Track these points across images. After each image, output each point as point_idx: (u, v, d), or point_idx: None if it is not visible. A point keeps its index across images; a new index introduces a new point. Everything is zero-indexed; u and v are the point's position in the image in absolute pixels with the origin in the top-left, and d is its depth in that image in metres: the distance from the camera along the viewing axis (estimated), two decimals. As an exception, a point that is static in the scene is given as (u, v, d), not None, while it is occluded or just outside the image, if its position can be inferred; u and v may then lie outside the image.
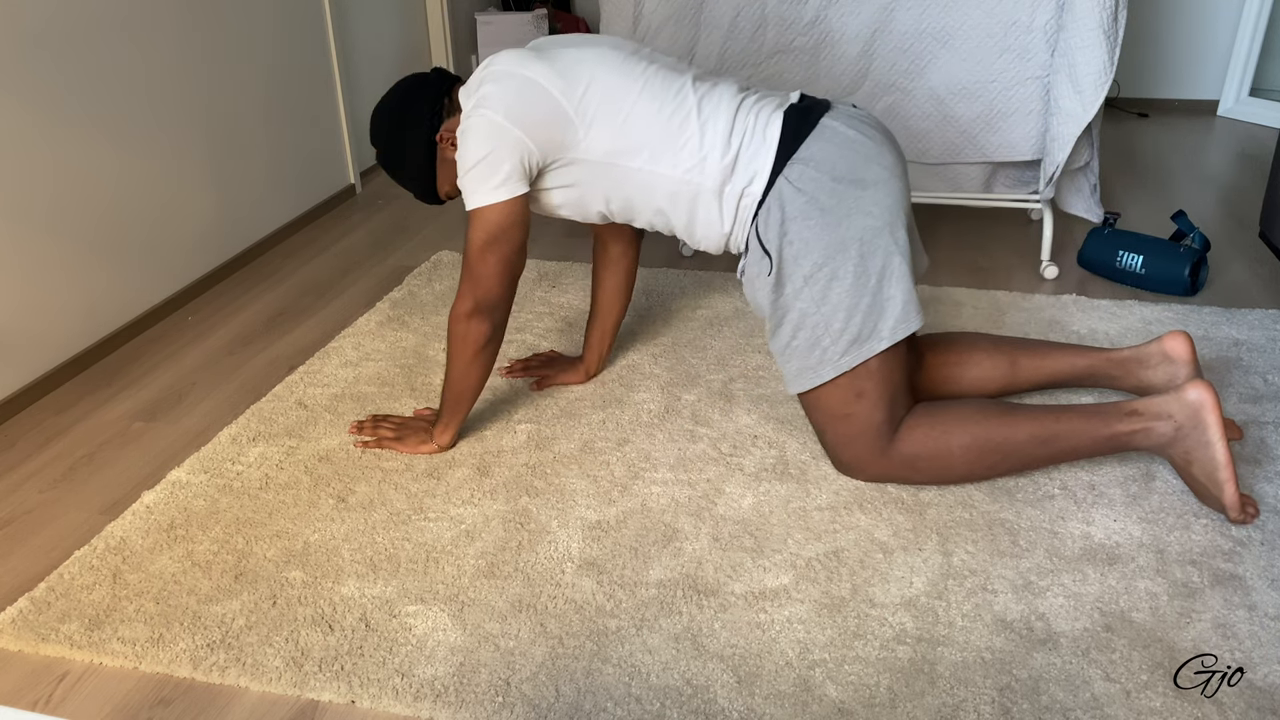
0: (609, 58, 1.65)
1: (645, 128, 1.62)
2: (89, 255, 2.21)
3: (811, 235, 1.58)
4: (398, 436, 1.84)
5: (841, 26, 2.45)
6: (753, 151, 1.61)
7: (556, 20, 4.11)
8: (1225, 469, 1.54)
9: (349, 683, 1.33)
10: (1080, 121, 2.29)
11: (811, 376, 1.63)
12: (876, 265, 1.58)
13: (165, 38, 2.38)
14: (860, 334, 1.59)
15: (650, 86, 1.63)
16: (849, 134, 1.62)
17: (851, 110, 1.68)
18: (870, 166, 1.60)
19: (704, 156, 1.62)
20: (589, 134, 1.63)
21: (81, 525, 1.70)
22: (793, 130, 1.61)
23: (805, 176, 1.59)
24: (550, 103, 1.60)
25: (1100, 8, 2.20)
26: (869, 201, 1.58)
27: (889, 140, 1.66)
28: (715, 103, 1.63)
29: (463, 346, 1.71)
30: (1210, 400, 1.54)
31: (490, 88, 1.61)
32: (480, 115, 1.60)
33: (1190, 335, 1.79)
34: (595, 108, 1.61)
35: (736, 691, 1.30)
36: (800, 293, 1.60)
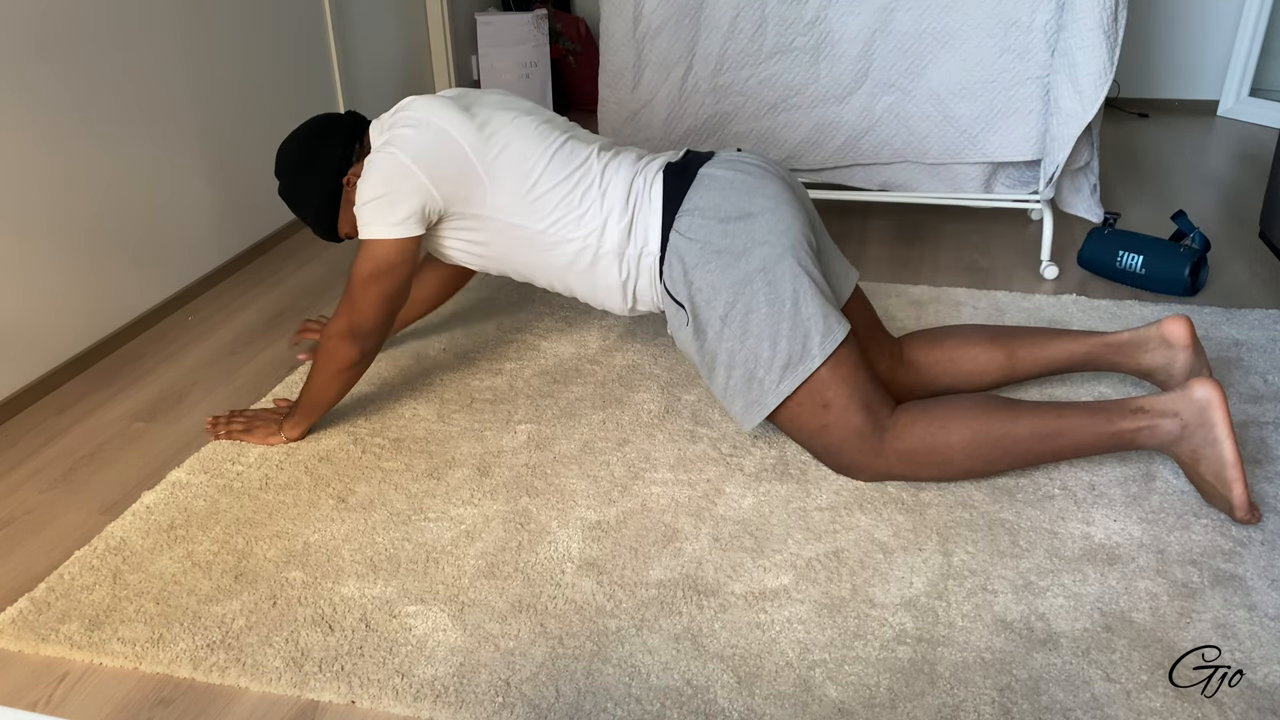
0: (524, 123, 1.72)
1: (550, 193, 1.70)
2: (89, 255, 2.21)
3: (715, 277, 1.63)
4: (247, 429, 1.88)
5: (841, 26, 2.45)
6: (645, 214, 1.69)
7: (556, 20, 4.11)
8: (1234, 467, 1.54)
9: (349, 683, 1.33)
10: (1080, 121, 2.29)
11: (758, 409, 1.66)
12: (786, 290, 1.61)
13: (165, 38, 2.38)
14: (791, 358, 1.61)
15: (559, 155, 1.71)
16: (727, 176, 1.68)
17: (733, 155, 1.75)
18: (754, 199, 1.65)
19: (604, 221, 1.70)
20: (495, 193, 1.69)
21: (81, 525, 1.70)
22: (674, 186, 1.69)
23: (694, 226, 1.65)
24: (461, 157, 1.66)
25: (1100, 7, 2.20)
26: (762, 231, 1.63)
27: (771, 172, 1.72)
28: (615, 170, 1.72)
29: (328, 362, 1.77)
30: (1217, 398, 1.54)
31: (405, 130, 1.66)
32: (389, 153, 1.65)
33: (1190, 320, 1.78)
34: (505, 169, 1.68)
35: (736, 692, 1.30)
36: (722, 334, 1.64)
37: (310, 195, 1.80)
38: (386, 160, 1.64)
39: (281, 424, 1.86)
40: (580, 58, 4.15)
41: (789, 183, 1.73)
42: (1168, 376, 1.78)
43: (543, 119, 1.76)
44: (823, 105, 2.55)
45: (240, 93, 2.67)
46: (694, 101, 2.62)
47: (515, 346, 2.22)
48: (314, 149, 1.78)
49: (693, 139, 2.66)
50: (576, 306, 2.40)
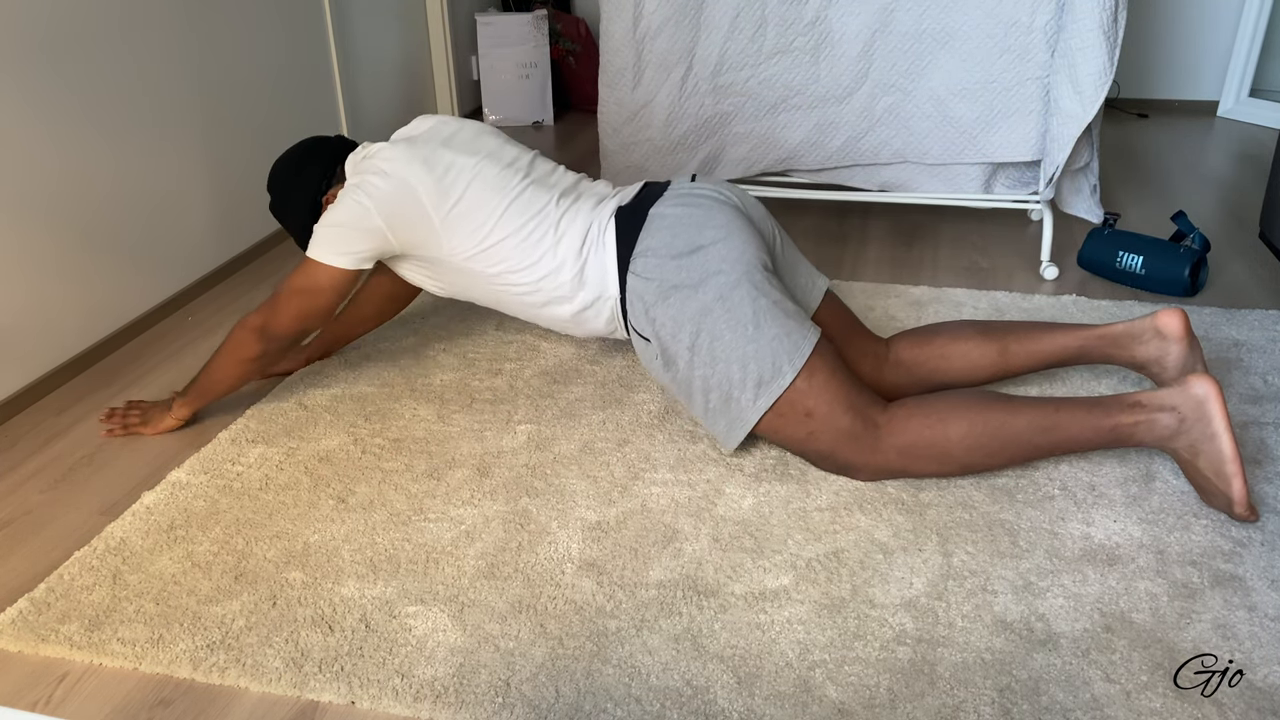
0: (485, 171, 1.78)
1: (504, 243, 1.75)
2: (89, 255, 2.21)
3: (676, 311, 1.67)
4: (143, 420, 1.94)
5: (842, 27, 2.45)
6: (599, 260, 1.74)
7: (556, 20, 4.11)
8: (1233, 462, 1.54)
9: (349, 683, 1.33)
10: (1080, 122, 2.29)
11: (740, 428, 1.68)
12: (747, 313, 1.64)
13: (165, 38, 2.38)
14: (762, 376, 1.63)
15: (517, 203, 1.76)
16: (676, 213, 1.72)
17: (684, 188, 1.79)
18: (704, 231, 1.69)
19: (556, 268, 1.76)
20: (451, 243, 1.77)
21: (81, 526, 1.70)
22: (625, 231, 1.73)
23: (649, 266, 1.69)
24: (420, 211, 1.74)
25: (1100, 8, 2.20)
26: (715, 261, 1.66)
27: (721, 201, 1.75)
28: (572, 218, 1.77)
29: (233, 349, 1.83)
30: (1214, 393, 1.54)
31: (373, 177, 1.75)
32: (355, 195, 1.74)
33: (1186, 313, 1.78)
34: (460, 222, 1.75)
35: (736, 692, 1.30)
36: (692, 363, 1.67)
37: (293, 210, 1.91)
38: (353, 200, 1.74)
39: (172, 406, 1.93)
40: (580, 58, 4.15)
41: (740, 207, 1.77)
42: (1160, 369, 1.78)
43: (506, 163, 1.81)
44: (823, 105, 2.55)
45: (240, 93, 2.67)
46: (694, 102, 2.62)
47: (515, 347, 2.22)
48: (300, 168, 1.89)
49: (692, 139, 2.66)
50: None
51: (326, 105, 3.10)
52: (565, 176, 1.86)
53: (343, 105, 3.16)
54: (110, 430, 1.94)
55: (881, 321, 2.28)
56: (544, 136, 3.92)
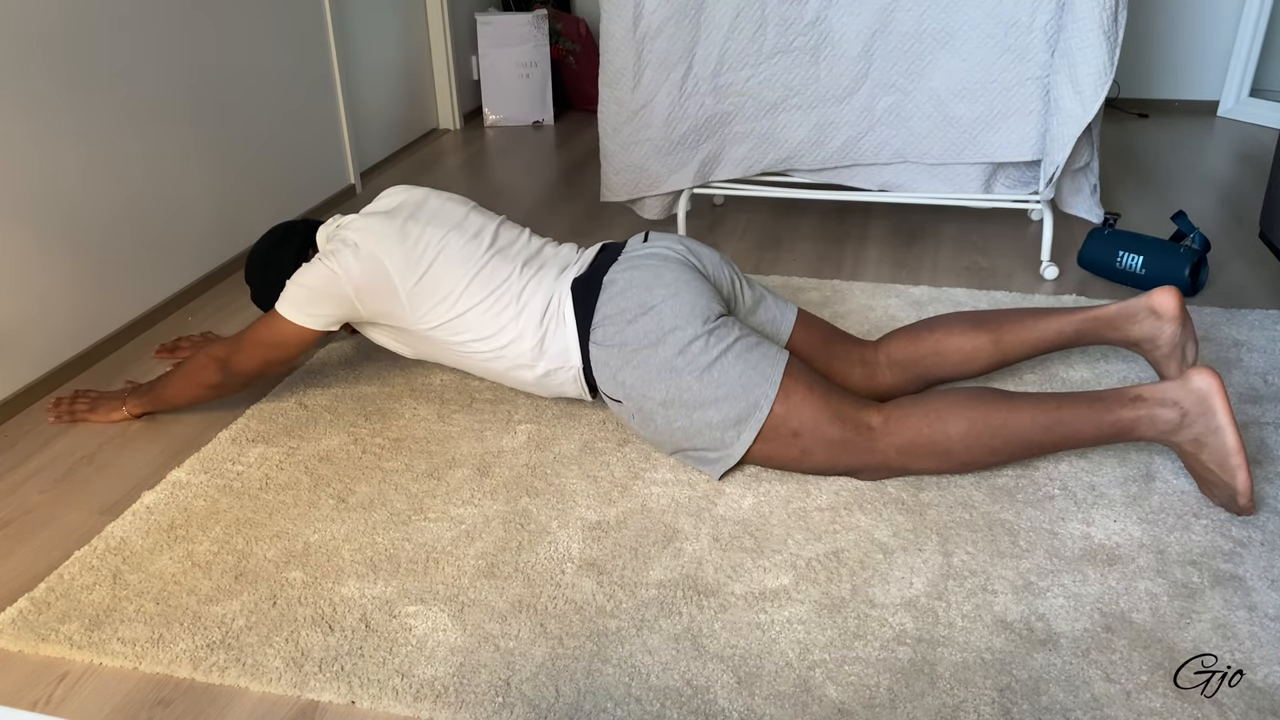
0: (451, 243, 1.80)
1: (468, 315, 1.78)
2: (89, 255, 2.21)
3: (642, 372, 1.68)
4: (91, 408, 1.98)
5: (842, 27, 2.45)
6: (559, 333, 1.77)
7: (556, 20, 4.11)
8: (1237, 454, 1.54)
9: (349, 683, 1.33)
10: (1080, 122, 2.29)
11: (727, 460, 1.69)
12: (705, 360, 1.65)
13: (165, 38, 2.38)
14: (740, 414, 1.64)
15: (480, 276, 1.79)
16: (626, 277, 1.74)
17: (634, 250, 1.81)
18: (653, 291, 1.71)
19: (517, 337, 1.78)
20: (416, 313, 1.79)
21: (81, 525, 1.70)
22: (582, 300, 1.76)
23: (608, 335, 1.72)
24: (387, 284, 1.77)
25: (1100, 8, 2.20)
26: (668, 318, 1.68)
27: (667, 258, 1.77)
28: (534, 289, 1.79)
29: (193, 371, 1.88)
30: (1216, 386, 1.54)
31: (344, 250, 1.77)
32: (328, 263, 1.77)
33: (1180, 293, 1.78)
34: (427, 294, 1.78)
35: (736, 692, 1.30)
36: (669, 416, 1.68)
37: (271, 298, 1.93)
38: (324, 267, 1.77)
39: (125, 399, 1.96)
40: (580, 58, 4.15)
41: (689, 261, 1.79)
42: (1154, 348, 1.77)
43: (472, 234, 1.83)
44: (823, 105, 2.55)
45: (241, 94, 2.67)
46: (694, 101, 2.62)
47: (515, 347, 2.21)
48: (271, 259, 1.92)
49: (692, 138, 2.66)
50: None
51: (327, 105, 3.10)
52: (529, 244, 1.88)
53: (343, 105, 3.16)
54: (58, 417, 1.98)
55: (882, 321, 2.28)
56: (544, 136, 3.92)
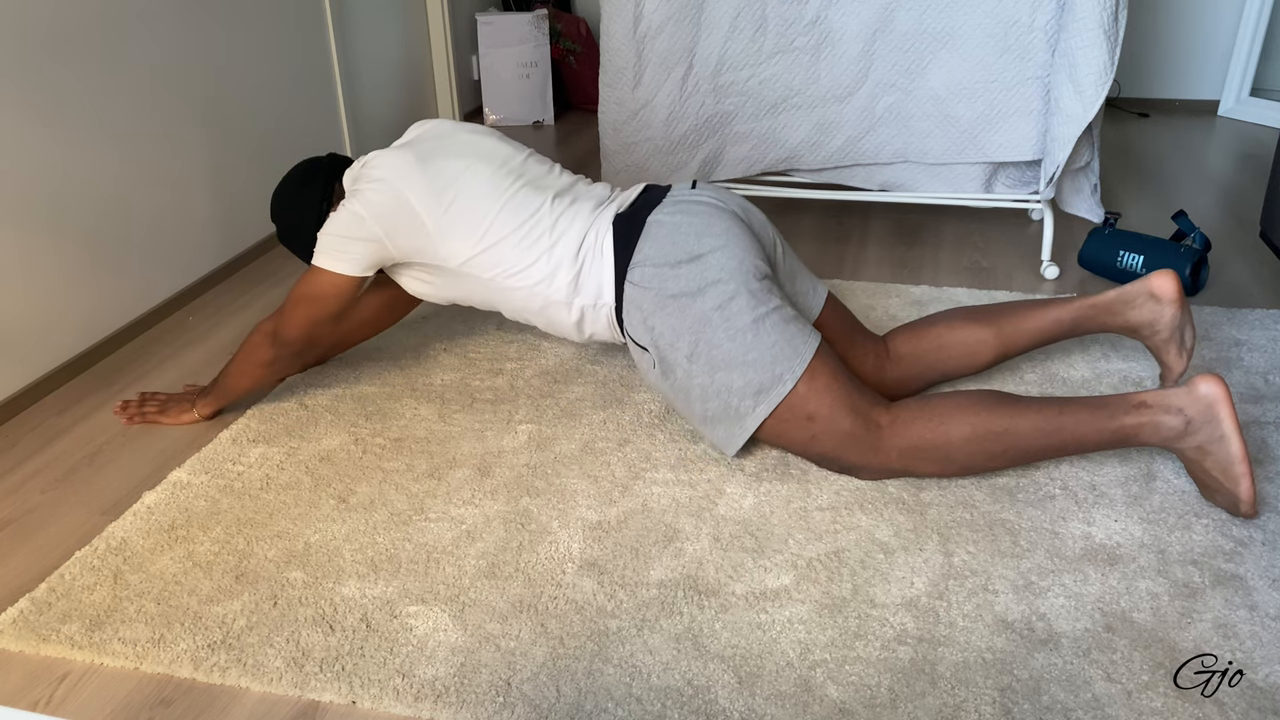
0: (479, 173, 1.77)
1: (499, 246, 1.74)
2: (90, 255, 2.21)
3: (674, 321, 1.65)
4: (161, 410, 1.97)
5: (842, 26, 2.45)
6: (596, 268, 1.73)
7: (557, 20, 4.11)
8: (1242, 463, 1.54)
9: (350, 683, 1.33)
10: (1081, 121, 2.29)
11: (739, 434, 1.67)
12: (744, 322, 1.63)
13: (166, 38, 2.38)
14: (762, 384, 1.63)
15: (509, 205, 1.75)
16: (674, 221, 1.70)
17: (684, 194, 1.77)
18: (702, 240, 1.67)
19: (551, 272, 1.74)
20: (446, 248, 1.76)
21: (82, 525, 1.70)
22: (623, 238, 1.72)
23: (646, 275, 1.68)
24: (414, 219, 1.74)
25: (1101, 7, 2.20)
26: (713, 270, 1.65)
27: (719, 208, 1.73)
28: (569, 221, 1.75)
29: (249, 353, 1.86)
30: (1222, 393, 1.54)
31: (368, 187, 1.74)
32: (352, 206, 1.74)
33: (1178, 276, 1.78)
34: (454, 225, 1.74)
35: (737, 692, 1.30)
36: (690, 372, 1.66)
37: (298, 238, 1.90)
38: (351, 209, 1.74)
39: (195, 402, 1.96)
40: (581, 58, 4.15)
41: (740, 215, 1.76)
42: (1153, 333, 1.77)
43: (499, 164, 1.80)
44: (823, 105, 2.55)
45: (241, 93, 2.67)
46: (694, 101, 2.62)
47: (516, 346, 2.22)
48: (298, 192, 1.89)
49: (693, 138, 2.66)
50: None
51: (327, 105, 3.10)
52: (561, 178, 1.85)
53: (343, 105, 3.16)
54: (129, 419, 1.97)
55: (882, 321, 2.28)
56: (544, 136, 3.92)
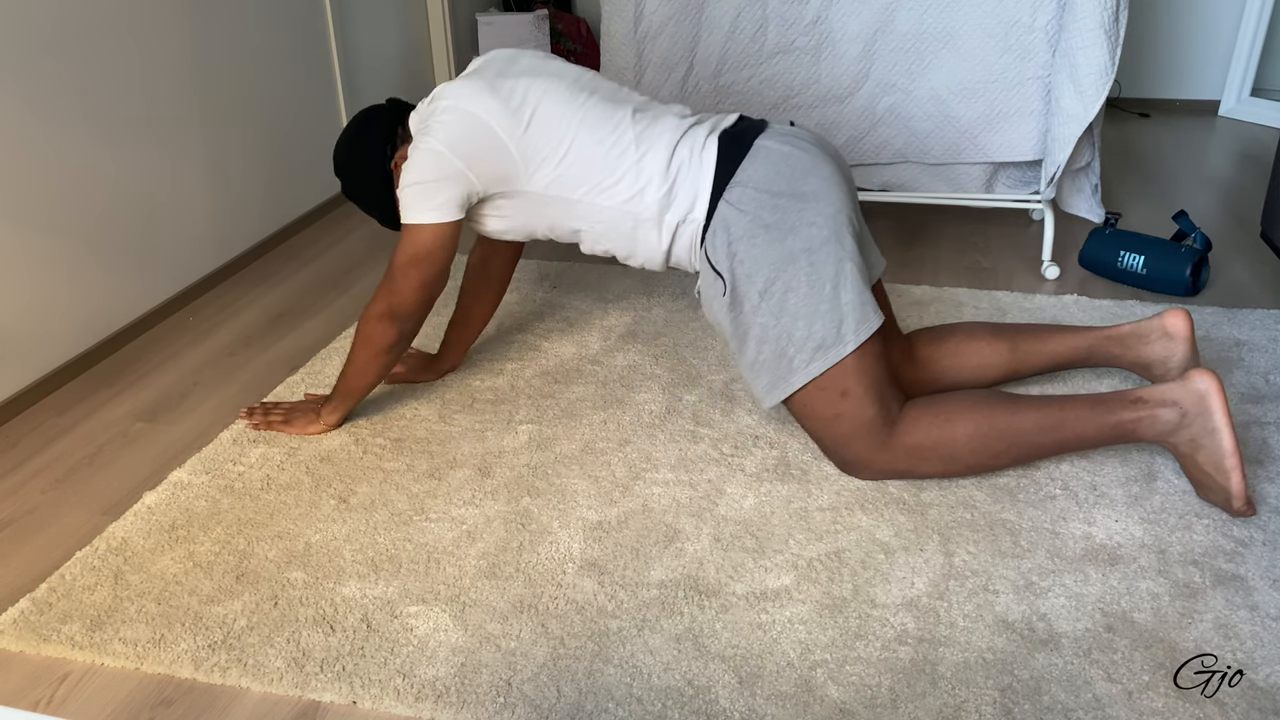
0: (553, 89, 1.70)
1: (584, 161, 1.68)
2: (90, 256, 2.21)
3: (759, 252, 1.61)
4: (286, 420, 1.90)
5: (843, 26, 2.45)
6: (691, 180, 1.66)
7: (557, 20, 4.11)
8: (1232, 456, 1.54)
9: (350, 683, 1.33)
10: (1081, 122, 2.29)
11: (783, 387, 1.65)
12: (828, 273, 1.60)
13: (166, 38, 2.38)
14: (824, 340, 1.60)
15: (590, 119, 1.68)
16: (783, 150, 1.65)
17: (787, 129, 1.72)
18: (808, 179, 1.63)
19: (642, 188, 1.67)
20: (529, 168, 1.69)
21: (83, 526, 1.70)
22: (727, 154, 1.65)
23: (745, 197, 1.62)
24: (493, 139, 1.66)
25: (1101, 8, 2.20)
26: (811, 212, 1.61)
27: (826, 152, 1.69)
28: (655, 134, 1.68)
29: (367, 345, 1.78)
30: (1215, 387, 1.55)
31: (440, 119, 1.67)
32: (426, 144, 1.67)
33: (1189, 313, 1.79)
34: (536, 142, 1.68)
35: (738, 692, 1.30)
36: (758, 309, 1.63)
37: (364, 188, 1.83)
38: (425, 150, 1.67)
39: (319, 411, 1.89)
40: (581, 58, 4.15)
41: (839, 164, 1.71)
42: (1165, 370, 1.78)
43: (570, 80, 1.73)
44: (824, 105, 2.55)
45: (241, 93, 2.67)
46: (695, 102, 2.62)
47: (516, 347, 2.22)
48: (359, 143, 1.80)
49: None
50: (578, 307, 2.40)
51: (327, 106, 3.10)
52: (633, 94, 1.78)
53: (344, 105, 3.16)
54: (255, 426, 1.91)
55: (883, 321, 2.28)
56: (545, 136, 3.92)
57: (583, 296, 2.45)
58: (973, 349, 1.83)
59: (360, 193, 1.84)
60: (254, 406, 1.95)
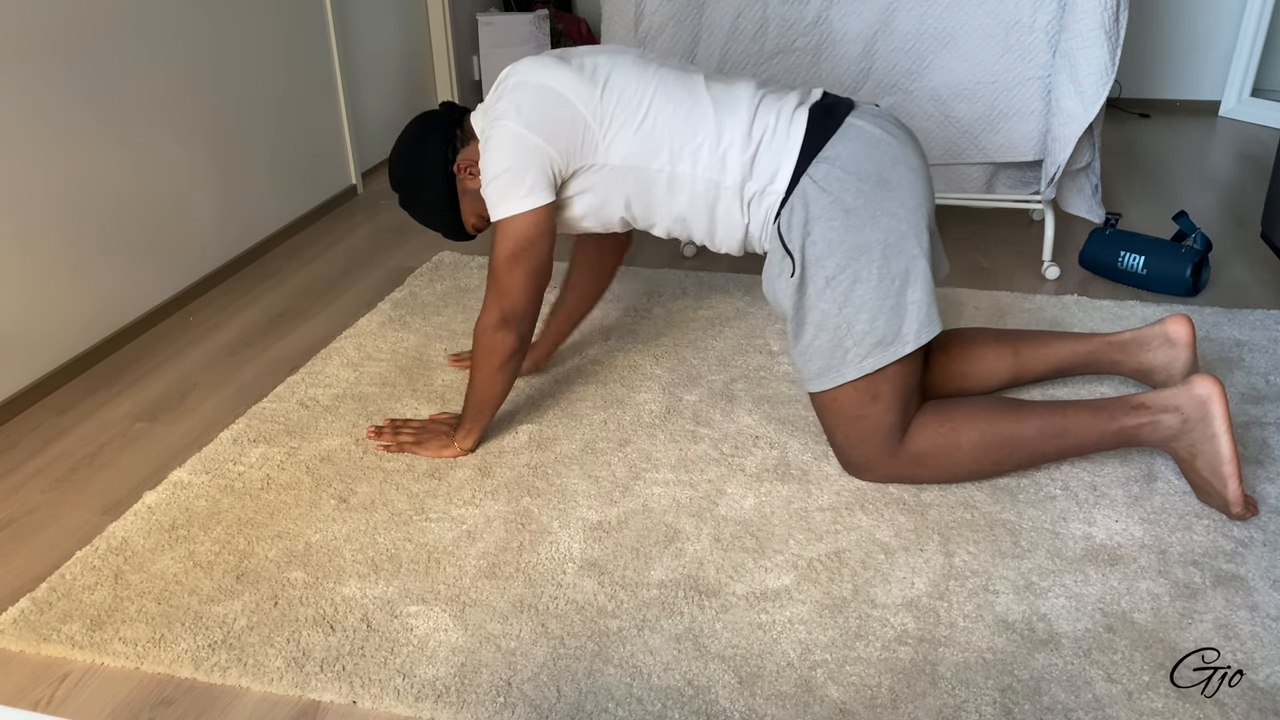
0: (622, 60, 1.66)
1: (663, 128, 1.62)
2: (91, 255, 2.21)
3: (835, 236, 1.56)
4: (418, 441, 1.82)
5: (843, 27, 2.45)
6: (775, 149, 1.59)
7: (558, 21, 4.11)
8: (1230, 463, 1.54)
9: (350, 683, 1.33)
10: (1082, 122, 2.29)
11: (833, 377, 1.61)
12: (900, 268, 1.57)
13: (168, 39, 2.38)
14: (884, 337, 1.58)
15: (665, 86, 1.63)
16: (875, 133, 1.60)
17: (876, 109, 1.67)
18: (896, 167, 1.59)
19: (723, 154, 1.60)
20: (608, 137, 1.62)
21: (83, 525, 1.70)
22: (817, 128, 1.59)
23: (830, 176, 1.57)
24: (568, 108, 1.60)
25: (1102, 8, 2.20)
26: (894, 203, 1.57)
27: (913, 141, 1.65)
28: (732, 101, 1.62)
29: (489, 357, 1.71)
30: (1218, 393, 1.54)
31: (508, 100, 1.61)
32: (501, 127, 1.60)
33: (1191, 319, 1.80)
34: (613, 110, 1.61)
35: (738, 692, 1.30)
36: (823, 294, 1.59)
37: (426, 198, 1.77)
38: (500, 135, 1.61)
39: (453, 435, 1.80)
40: (581, 58, 4.15)
41: (923, 157, 1.66)
42: (1168, 376, 1.79)
43: (636, 56, 1.69)
44: (824, 106, 2.55)
45: (241, 93, 2.67)
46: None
47: (516, 347, 2.21)
48: (416, 152, 1.74)
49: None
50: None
51: (328, 106, 3.10)
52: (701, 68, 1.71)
53: (344, 105, 3.16)
54: (386, 446, 1.82)
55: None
56: (545, 137, 3.92)
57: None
58: (976, 355, 1.83)
59: (421, 201, 1.77)
60: (382, 426, 1.87)
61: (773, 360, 2.12)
